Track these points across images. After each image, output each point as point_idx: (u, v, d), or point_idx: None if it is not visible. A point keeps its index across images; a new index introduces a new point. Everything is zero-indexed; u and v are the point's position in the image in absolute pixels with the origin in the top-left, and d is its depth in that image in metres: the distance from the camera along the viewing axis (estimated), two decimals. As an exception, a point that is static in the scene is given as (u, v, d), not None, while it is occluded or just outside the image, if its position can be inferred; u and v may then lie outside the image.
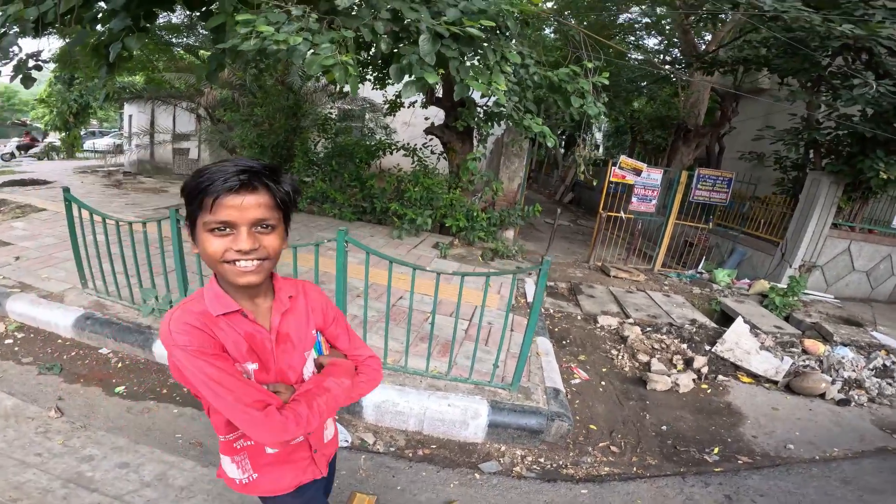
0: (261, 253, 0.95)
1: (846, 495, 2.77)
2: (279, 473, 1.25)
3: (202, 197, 0.90)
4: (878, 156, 5.95)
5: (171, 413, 2.64)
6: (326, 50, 2.83)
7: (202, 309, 1.01)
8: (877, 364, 4.53)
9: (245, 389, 0.99)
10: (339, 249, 2.73)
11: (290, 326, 1.14)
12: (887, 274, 7.26)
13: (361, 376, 1.25)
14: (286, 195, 0.96)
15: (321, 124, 8.21)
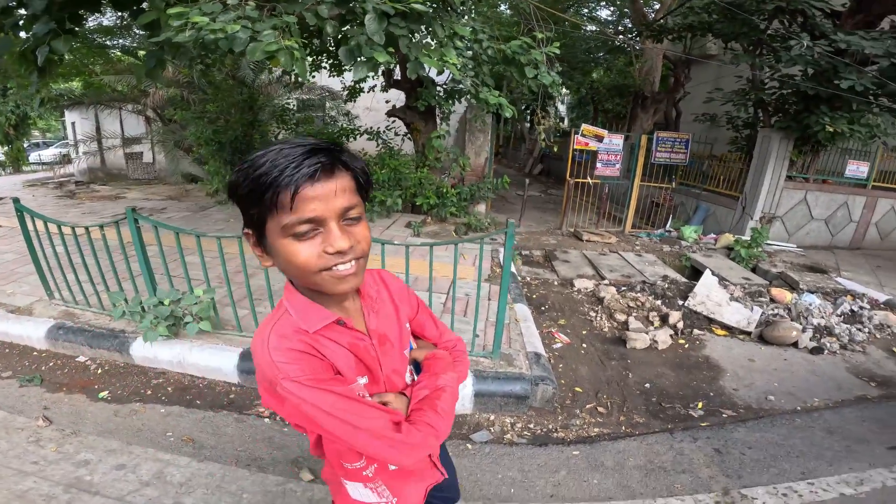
0: (357, 250, 0.79)
1: (833, 445, 2.78)
2: (411, 488, 1.12)
3: (273, 193, 0.71)
4: (822, 111, 6.29)
5: (159, 413, 2.64)
6: (269, 36, 2.79)
7: (296, 327, 0.84)
8: (844, 310, 4.66)
9: (374, 413, 0.85)
10: None
11: (384, 325, 0.98)
12: (845, 221, 7.60)
13: (457, 364, 1.10)
14: (364, 173, 0.79)
15: (280, 116, 7.99)
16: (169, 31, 2.77)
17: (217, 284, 3.50)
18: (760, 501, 2.26)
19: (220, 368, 2.92)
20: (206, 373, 2.97)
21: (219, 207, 6.94)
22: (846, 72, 5.65)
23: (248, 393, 2.90)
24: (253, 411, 2.73)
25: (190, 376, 2.99)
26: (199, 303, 2.97)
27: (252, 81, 7.73)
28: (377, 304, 0.98)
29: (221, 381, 2.96)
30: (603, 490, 2.30)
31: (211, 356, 2.94)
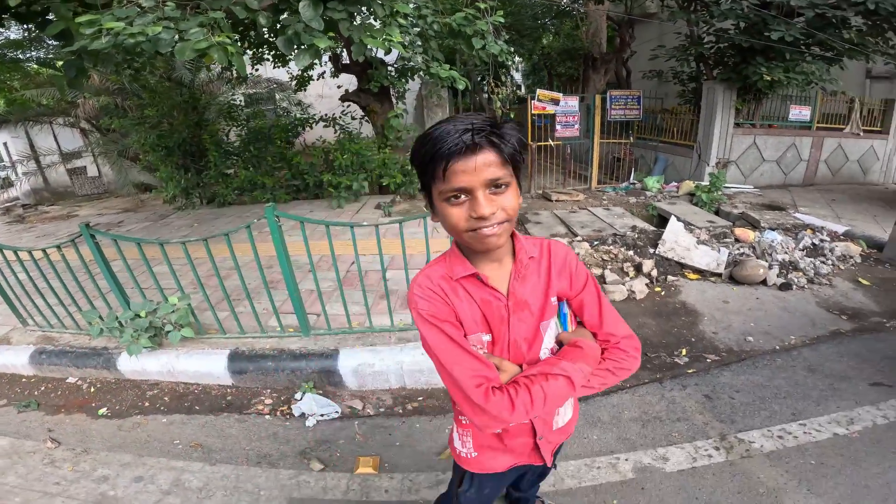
0: (500, 216, 0.88)
1: (816, 384, 2.83)
2: (495, 455, 1.18)
3: (433, 165, 0.85)
4: (758, 62, 6.69)
5: (161, 423, 2.67)
6: (197, 34, 2.74)
7: (444, 273, 0.99)
8: (806, 244, 4.86)
9: (467, 362, 0.93)
10: (272, 226, 2.62)
11: (527, 293, 1.02)
12: (796, 160, 7.97)
13: (608, 363, 1.04)
14: (514, 149, 0.87)
15: (227, 113, 7.69)
16: (82, 39, 2.66)
17: (192, 290, 3.42)
18: (758, 444, 2.32)
19: (211, 372, 2.90)
20: (198, 378, 2.94)
21: (179, 214, 6.68)
22: (774, 24, 5.97)
23: (243, 393, 2.88)
24: (252, 410, 2.72)
25: (183, 384, 2.96)
26: (176, 310, 2.92)
27: (191, 81, 7.39)
28: (527, 271, 1.02)
29: (215, 384, 2.94)
30: (604, 445, 2.36)
31: (200, 362, 2.92)
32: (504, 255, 1.01)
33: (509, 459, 1.19)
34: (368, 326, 3.04)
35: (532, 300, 1.02)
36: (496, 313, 1.00)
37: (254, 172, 6.74)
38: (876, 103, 8.23)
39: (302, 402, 2.68)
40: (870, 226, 5.62)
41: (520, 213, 6.42)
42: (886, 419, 2.47)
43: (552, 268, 1.05)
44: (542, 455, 1.19)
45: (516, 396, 0.92)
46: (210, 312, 3.03)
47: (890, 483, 2.04)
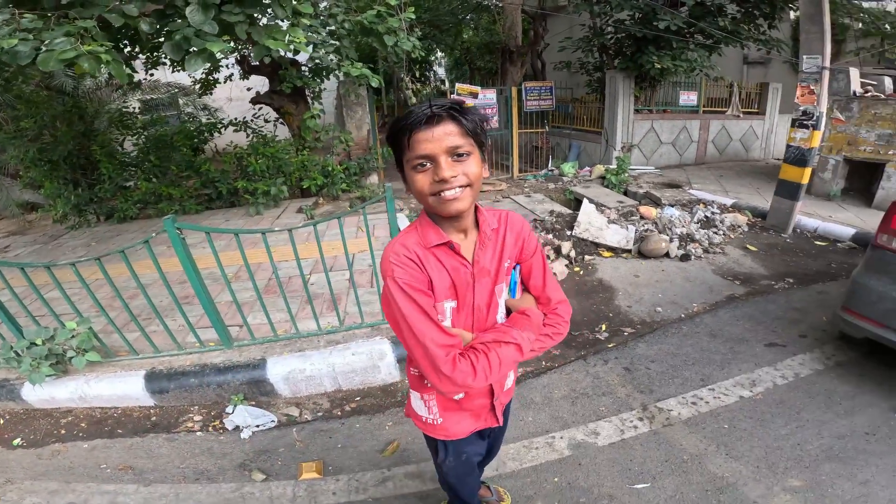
0: (461, 180, 0.96)
1: (718, 348, 3.06)
2: (459, 418, 1.28)
3: (400, 137, 0.95)
4: (650, 51, 7.30)
5: (83, 449, 2.52)
6: (63, 44, 2.56)
7: (417, 240, 1.05)
8: (699, 217, 5.39)
9: (436, 332, 1.01)
10: (174, 240, 2.44)
11: (488, 260, 1.12)
12: (687, 142, 8.78)
13: (548, 328, 1.17)
14: (473, 124, 0.96)
15: (119, 121, 6.99)
16: None
17: (94, 314, 3.12)
18: (676, 412, 2.49)
19: (128, 395, 2.73)
20: (115, 402, 2.75)
21: (73, 233, 5.98)
22: (662, 14, 6.50)
23: (168, 412, 2.72)
24: (181, 428, 2.58)
25: (100, 409, 2.76)
26: (76, 335, 2.70)
27: (74, 89, 6.63)
28: (489, 240, 1.12)
29: (135, 406, 2.76)
30: (539, 425, 2.46)
31: (113, 385, 2.73)
32: (469, 226, 1.10)
33: (471, 423, 1.31)
34: (295, 333, 2.95)
35: (491, 266, 1.13)
36: (463, 280, 1.09)
37: (157, 183, 6.19)
38: (752, 87, 9.24)
39: (234, 415, 2.58)
40: (753, 197, 6.33)
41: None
42: (785, 379, 2.75)
43: (507, 235, 1.15)
44: (496, 416, 1.33)
45: (477, 363, 1.02)
46: (117, 335, 2.82)
47: (801, 444, 2.24)
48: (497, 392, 1.28)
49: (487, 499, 1.94)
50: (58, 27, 2.66)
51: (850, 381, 2.70)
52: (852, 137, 6.02)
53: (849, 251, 4.71)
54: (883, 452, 2.17)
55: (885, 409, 2.46)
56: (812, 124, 4.80)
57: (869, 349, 2.93)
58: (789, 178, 5.09)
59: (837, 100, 6.05)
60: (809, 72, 4.75)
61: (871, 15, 8.35)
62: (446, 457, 1.42)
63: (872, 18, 8.36)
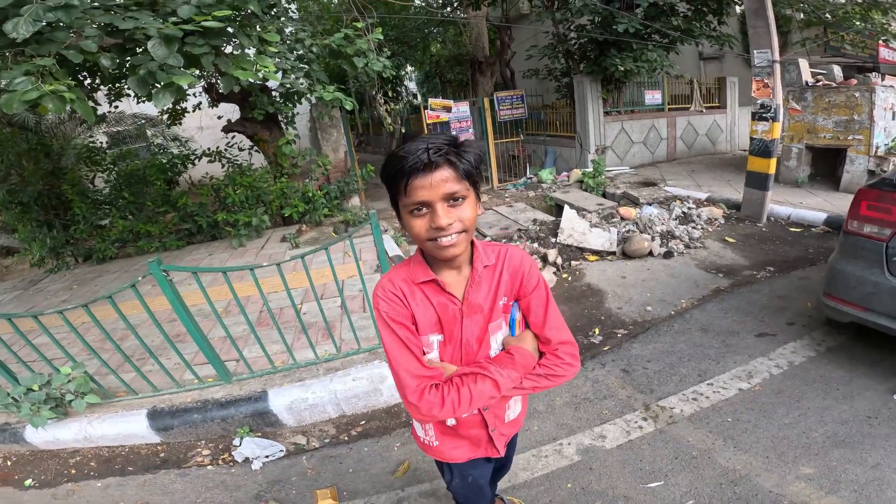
0: (457, 227, 0.97)
1: (711, 343, 3.09)
2: (455, 444, 1.30)
3: (396, 181, 0.94)
4: (613, 54, 7.53)
5: (96, 488, 2.48)
6: (24, 84, 2.51)
7: (405, 276, 1.09)
8: (677, 213, 5.52)
9: (412, 364, 1.05)
10: (161, 282, 2.40)
11: (481, 297, 1.11)
12: (657, 140, 9.04)
13: (543, 369, 1.13)
14: (469, 165, 0.95)
15: (86, 157, 6.80)
16: None
17: (86, 357, 3.05)
18: (678, 410, 2.51)
19: (134, 433, 2.70)
20: (121, 441, 2.73)
21: (52, 277, 5.78)
22: (619, 17, 6.74)
23: (176, 448, 2.68)
24: (192, 463, 2.55)
25: (107, 448, 2.73)
26: (73, 379, 2.66)
27: (37, 124, 6.44)
28: (482, 278, 1.12)
29: (142, 444, 2.72)
30: (545, 433, 2.47)
31: (116, 425, 2.70)
32: (463, 262, 1.11)
33: (468, 450, 1.32)
34: (293, 363, 2.91)
35: (484, 304, 1.13)
36: (450, 316, 1.10)
37: (133, 221, 6.04)
38: (711, 82, 9.60)
39: (242, 447, 2.56)
40: (726, 189, 6.55)
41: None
42: (780, 368, 2.80)
43: (504, 272, 1.14)
44: (496, 446, 1.31)
45: (447, 395, 1.04)
46: (113, 376, 2.77)
47: (806, 432, 2.28)
48: (492, 423, 1.27)
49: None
50: (16, 66, 2.60)
51: (844, 366, 2.75)
52: (811, 125, 6.29)
53: (823, 235, 4.89)
54: (888, 435, 2.19)
55: (882, 391, 2.50)
56: (771, 116, 5.01)
57: (856, 332, 2.99)
58: (756, 169, 5.29)
59: (792, 90, 6.32)
60: (761, 66, 4.96)
61: (810, 5, 8.68)
62: (452, 479, 1.45)
63: (812, 8, 8.69)
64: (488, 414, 1.25)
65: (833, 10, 8.64)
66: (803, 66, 6.37)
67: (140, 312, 2.82)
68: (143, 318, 3.48)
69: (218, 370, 2.80)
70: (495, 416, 1.28)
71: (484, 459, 1.38)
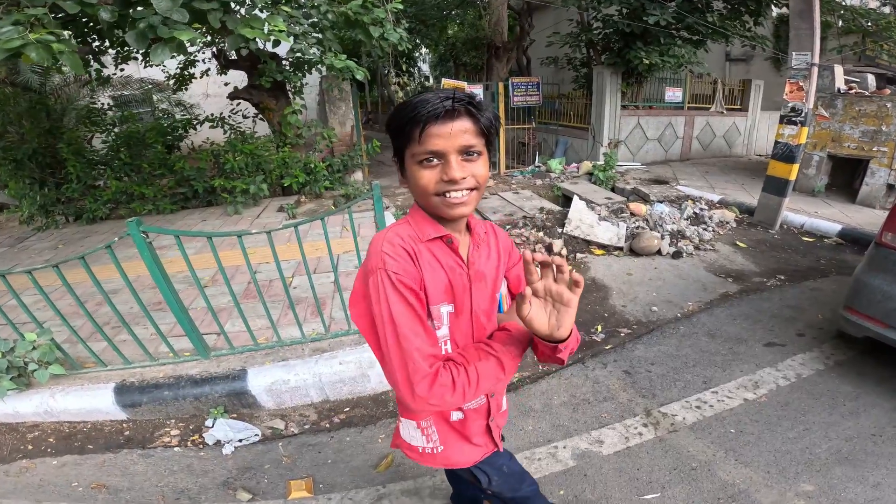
0: (470, 182, 0.87)
1: (718, 349, 2.98)
2: (461, 446, 1.16)
3: (409, 128, 0.84)
4: (638, 47, 7.24)
5: (52, 465, 2.36)
6: (10, 32, 2.41)
7: (412, 233, 0.93)
8: (689, 213, 5.34)
9: (421, 339, 0.87)
10: (139, 244, 2.25)
11: (484, 264, 1.03)
12: (673, 138, 8.78)
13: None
14: (489, 121, 0.88)
15: (87, 118, 6.66)
16: None
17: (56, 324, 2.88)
18: (680, 417, 2.40)
19: (98, 409, 2.54)
20: (84, 416, 2.57)
21: (40, 235, 5.65)
22: (651, 8, 6.45)
23: (143, 426, 2.54)
24: (157, 443, 2.40)
25: (68, 423, 2.57)
26: (38, 347, 2.50)
27: (41, 85, 6.28)
28: (483, 244, 1.04)
29: (106, 420, 2.57)
30: (540, 434, 2.34)
31: (80, 399, 2.55)
32: (461, 227, 1.00)
33: (473, 451, 1.18)
34: (277, 341, 2.76)
35: (488, 272, 1.04)
36: (459, 281, 0.97)
37: (128, 182, 5.90)
38: (736, 84, 9.30)
39: (214, 429, 2.41)
40: (739, 193, 6.34)
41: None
42: (787, 380, 2.68)
43: (500, 245, 1.10)
44: (493, 438, 1.20)
45: (457, 377, 0.89)
46: (82, 345, 2.61)
47: (810, 447, 2.18)
48: (493, 412, 1.17)
49: None
50: (6, 16, 2.49)
51: (852, 381, 2.65)
52: (836, 134, 6.06)
53: (836, 247, 4.71)
54: (891, 454, 2.13)
55: (889, 409, 2.42)
56: (800, 121, 4.79)
57: (866, 348, 2.89)
58: (777, 174, 5.08)
59: (822, 97, 6.09)
60: (799, 68, 4.73)
61: (852, 12, 8.43)
62: (489, 479, 1.25)
63: (854, 16, 8.45)
64: (493, 400, 1.15)
65: (876, 19, 8.39)
66: (838, 72, 6.13)
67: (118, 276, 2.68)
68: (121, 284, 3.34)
69: (195, 344, 2.65)
70: (496, 405, 1.19)
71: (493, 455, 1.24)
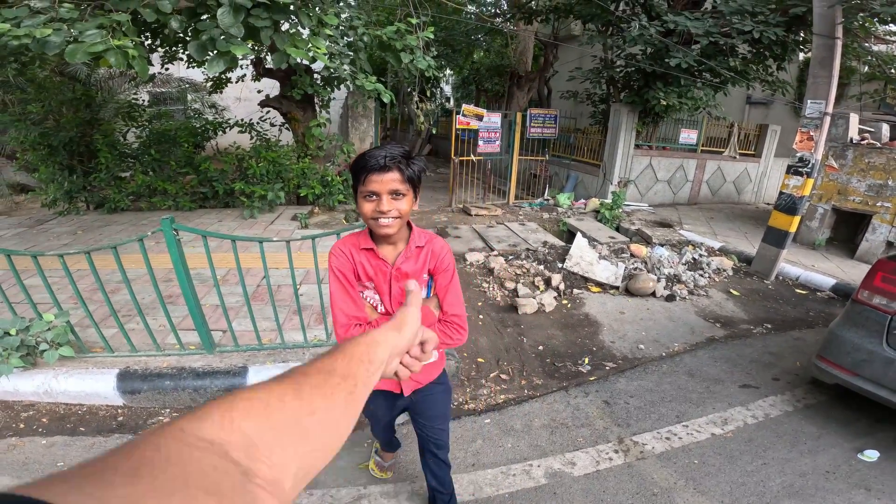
0: (394, 213, 1.30)
1: (695, 388, 3.14)
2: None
3: (359, 173, 1.28)
4: (658, 87, 7.39)
5: (41, 445, 2.44)
6: (94, 36, 2.60)
7: (354, 242, 1.44)
8: (687, 259, 5.44)
9: (348, 306, 1.42)
10: (169, 241, 2.45)
11: (409, 266, 1.45)
12: (683, 181, 8.93)
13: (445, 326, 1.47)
14: (413, 174, 1.30)
15: (126, 113, 7.01)
16: None
17: (72, 305, 3.07)
18: (650, 447, 2.55)
19: (97, 393, 2.66)
20: (82, 399, 2.68)
21: (60, 219, 5.94)
22: (674, 50, 6.64)
23: (137, 413, 2.66)
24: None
25: (64, 405, 2.68)
26: (53, 328, 2.64)
27: (87, 77, 6.67)
28: (412, 254, 1.45)
29: (102, 405, 2.69)
30: (517, 452, 2.49)
31: (82, 382, 2.66)
32: (400, 241, 1.44)
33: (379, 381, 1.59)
34: (280, 343, 2.93)
35: (410, 271, 1.45)
36: (381, 277, 1.45)
37: (154, 177, 6.20)
38: (752, 128, 9.38)
39: None
40: (741, 242, 6.45)
41: (440, 228, 6.64)
42: (756, 419, 2.83)
43: (429, 253, 1.48)
44: (399, 384, 1.60)
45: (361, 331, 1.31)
46: (94, 329, 2.76)
47: (764, 480, 2.33)
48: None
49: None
50: (92, 19, 2.68)
51: (817, 423, 2.81)
52: (843, 187, 6.16)
53: (827, 300, 4.81)
54: (841, 490, 2.28)
55: (848, 448, 2.58)
56: (806, 171, 4.87)
57: (836, 394, 3.06)
58: (778, 225, 5.20)
59: (834, 146, 6.15)
60: (811, 116, 4.79)
61: (879, 59, 8.46)
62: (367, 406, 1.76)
63: (880, 62, 8.48)
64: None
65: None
66: (853, 121, 6.21)
67: (137, 266, 2.86)
68: (138, 274, 3.55)
69: (203, 338, 2.82)
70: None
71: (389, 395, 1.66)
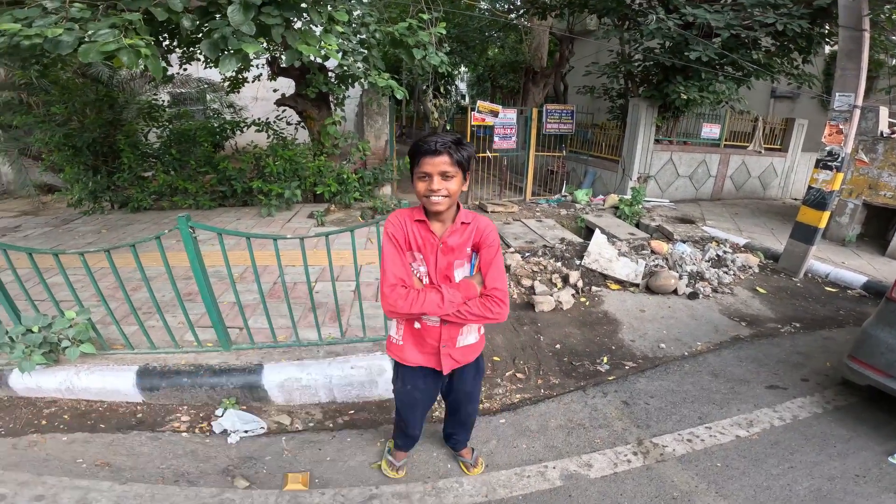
0: (443, 192, 1.50)
1: (719, 388, 3.05)
2: (413, 348, 1.76)
3: (415, 157, 1.50)
4: (678, 81, 7.19)
5: (62, 441, 2.45)
6: (106, 36, 2.62)
7: (409, 214, 1.62)
8: (711, 255, 5.28)
9: (397, 268, 1.58)
10: (186, 238, 2.46)
11: (454, 240, 1.62)
12: (705, 176, 8.69)
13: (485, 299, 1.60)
14: (462, 158, 1.49)
15: (147, 113, 7.15)
16: None
17: (93, 303, 3.13)
18: (671, 449, 2.48)
19: (118, 390, 2.69)
20: (103, 396, 2.72)
21: (85, 219, 6.09)
22: (694, 43, 6.43)
23: (156, 410, 2.68)
24: (167, 427, 2.55)
25: (85, 401, 2.72)
26: (74, 325, 2.68)
27: (109, 78, 6.80)
28: (457, 229, 1.62)
29: (122, 402, 2.73)
30: (533, 453, 2.44)
31: (103, 379, 2.70)
32: (447, 219, 1.62)
33: (419, 357, 1.77)
34: (295, 340, 2.94)
35: (457, 247, 1.63)
36: (430, 249, 1.62)
37: (175, 176, 6.30)
38: (778, 122, 9.09)
39: (223, 418, 2.55)
40: (767, 238, 6.24)
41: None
42: (783, 420, 2.72)
43: (474, 230, 1.64)
44: (441, 361, 1.75)
45: (408, 296, 1.55)
46: (115, 327, 2.81)
47: (790, 484, 2.23)
48: (444, 339, 1.71)
49: (464, 459, 2.29)
50: (104, 18, 2.71)
51: (847, 425, 2.69)
52: (874, 181, 5.92)
53: (858, 299, 4.63)
54: (870, 494, 2.18)
55: (879, 452, 2.47)
56: (836, 166, 4.69)
57: (867, 395, 2.92)
58: (807, 221, 5.01)
59: (864, 140, 5.93)
60: (840, 110, 4.63)
61: None
62: (397, 380, 1.92)
63: None
64: (445, 328, 1.69)
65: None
66: (883, 114, 5.96)
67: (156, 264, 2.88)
68: (157, 272, 3.59)
69: (219, 336, 2.84)
70: (449, 336, 1.72)
71: (431, 373, 1.81)
